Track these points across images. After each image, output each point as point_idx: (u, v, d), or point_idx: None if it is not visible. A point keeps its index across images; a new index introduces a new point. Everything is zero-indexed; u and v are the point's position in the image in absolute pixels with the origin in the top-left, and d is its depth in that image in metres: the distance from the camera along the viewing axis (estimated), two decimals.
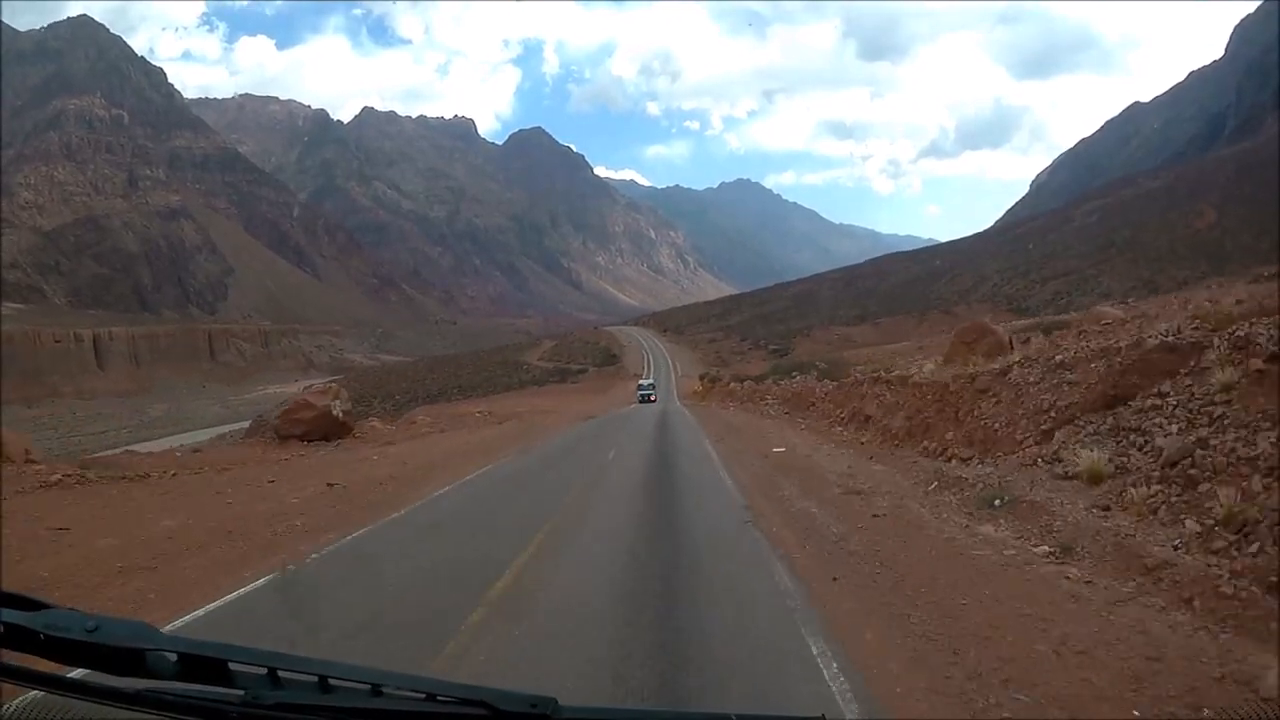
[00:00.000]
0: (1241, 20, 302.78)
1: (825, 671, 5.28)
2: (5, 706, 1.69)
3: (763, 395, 36.46)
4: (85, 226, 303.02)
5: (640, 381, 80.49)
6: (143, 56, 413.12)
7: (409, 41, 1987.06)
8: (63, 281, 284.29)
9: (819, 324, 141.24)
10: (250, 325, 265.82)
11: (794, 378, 41.70)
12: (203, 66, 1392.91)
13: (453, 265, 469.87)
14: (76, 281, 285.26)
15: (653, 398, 66.95)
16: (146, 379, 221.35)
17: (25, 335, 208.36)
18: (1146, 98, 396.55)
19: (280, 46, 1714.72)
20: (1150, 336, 10.80)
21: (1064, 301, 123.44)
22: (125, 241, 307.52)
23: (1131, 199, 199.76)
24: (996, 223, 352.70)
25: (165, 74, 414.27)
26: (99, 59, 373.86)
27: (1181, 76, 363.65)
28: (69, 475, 14.76)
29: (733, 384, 53.25)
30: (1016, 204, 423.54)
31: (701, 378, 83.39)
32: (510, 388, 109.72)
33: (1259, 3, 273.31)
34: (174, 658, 1.57)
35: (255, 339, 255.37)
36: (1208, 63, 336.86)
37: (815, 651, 5.66)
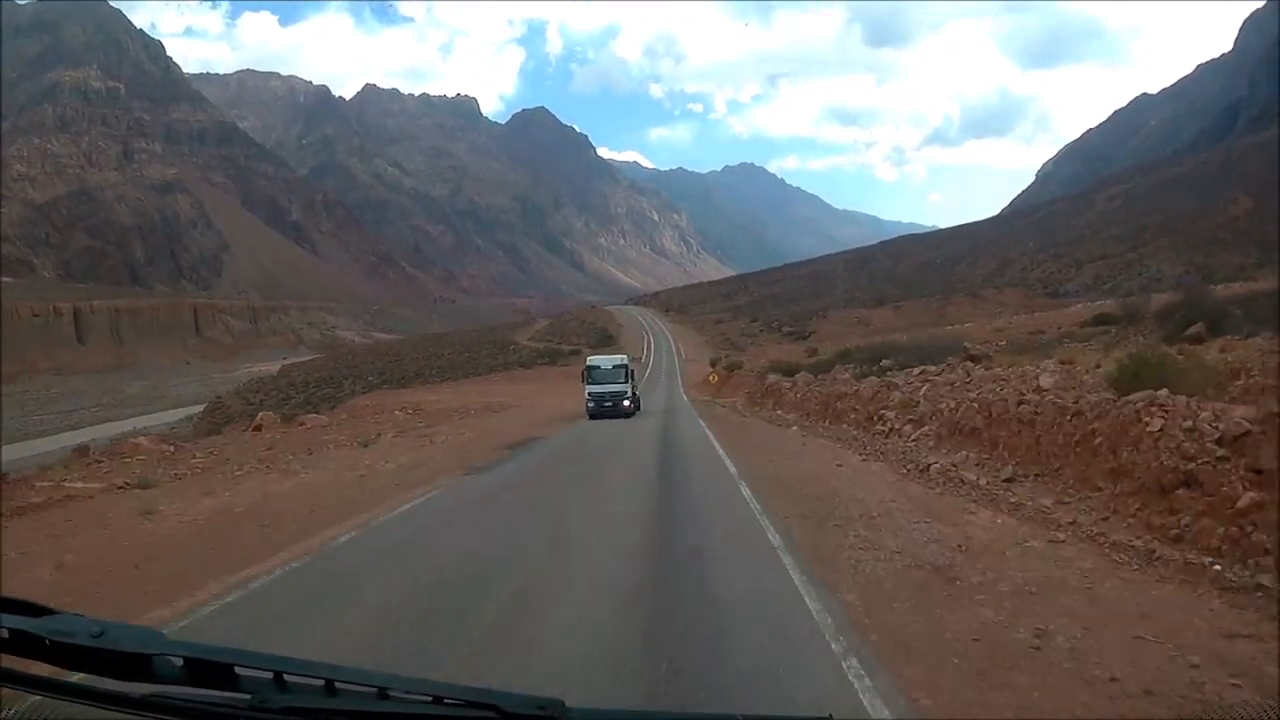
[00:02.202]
0: (1251, 14, 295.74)
1: None
2: (10, 712, 1.67)
3: (873, 408, 17.62)
4: (77, 199, 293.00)
5: (593, 361, 35.99)
6: (142, 30, 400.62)
7: (411, 19, 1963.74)
8: (53, 255, 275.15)
9: (834, 306, 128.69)
10: (239, 301, 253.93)
11: (890, 371, 22.74)
12: (205, 42, 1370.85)
13: (454, 244, 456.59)
14: (67, 255, 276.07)
15: (627, 403, 33.02)
16: (129, 355, 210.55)
17: (4, 310, 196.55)
18: (1154, 89, 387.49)
19: (283, 23, 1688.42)
20: None
21: (1107, 286, 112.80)
22: (118, 215, 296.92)
23: (1155, 185, 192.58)
24: (1003, 210, 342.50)
25: (164, 47, 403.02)
26: (97, 31, 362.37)
27: (1189, 69, 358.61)
28: None
29: (772, 376, 34.20)
30: (1022, 193, 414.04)
31: (713, 364, 68.48)
32: (494, 370, 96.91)
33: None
34: (180, 662, 1.55)
35: (243, 315, 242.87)
36: (1216, 55, 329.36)
37: None
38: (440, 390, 64.72)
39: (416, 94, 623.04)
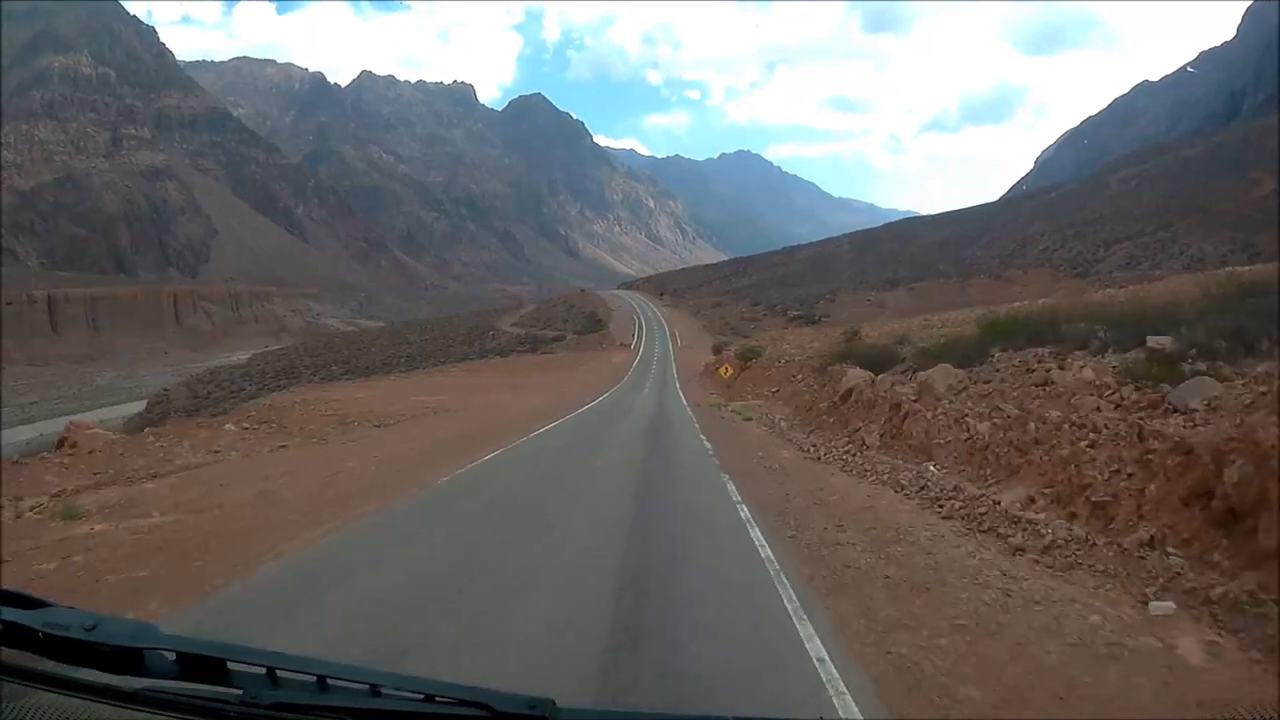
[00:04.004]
0: (1254, 2, 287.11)
1: None
2: (3, 705, 1.58)
3: None
4: (63, 186, 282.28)
5: None
6: (136, 17, 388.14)
7: (408, 7, 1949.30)
8: (37, 242, 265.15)
9: (843, 288, 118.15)
10: (220, 288, 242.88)
11: (1182, 363, 9.26)
12: (201, 30, 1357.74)
13: (448, 231, 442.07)
14: (51, 242, 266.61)
15: None
16: (106, 344, 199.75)
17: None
18: (1155, 77, 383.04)
19: (280, 11, 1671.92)
20: None
21: (1144, 266, 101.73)
22: (105, 202, 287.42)
23: (1171, 166, 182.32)
24: (1004, 196, 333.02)
25: (157, 34, 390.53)
26: (90, 19, 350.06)
27: (1188, 57, 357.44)
28: None
29: (857, 373, 18.71)
30: (1021, 180, 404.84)
31: (716, 351, 54.93)
32: (466, 358, 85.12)
33: None
34: (172, 657, 1.52)
35: (225, 302, 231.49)
36: (1218, 43, 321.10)
37: None
38: (384, 384, 51.86)
39: (413, 81, 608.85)
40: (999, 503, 8.28)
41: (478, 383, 47.24)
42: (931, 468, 11.26)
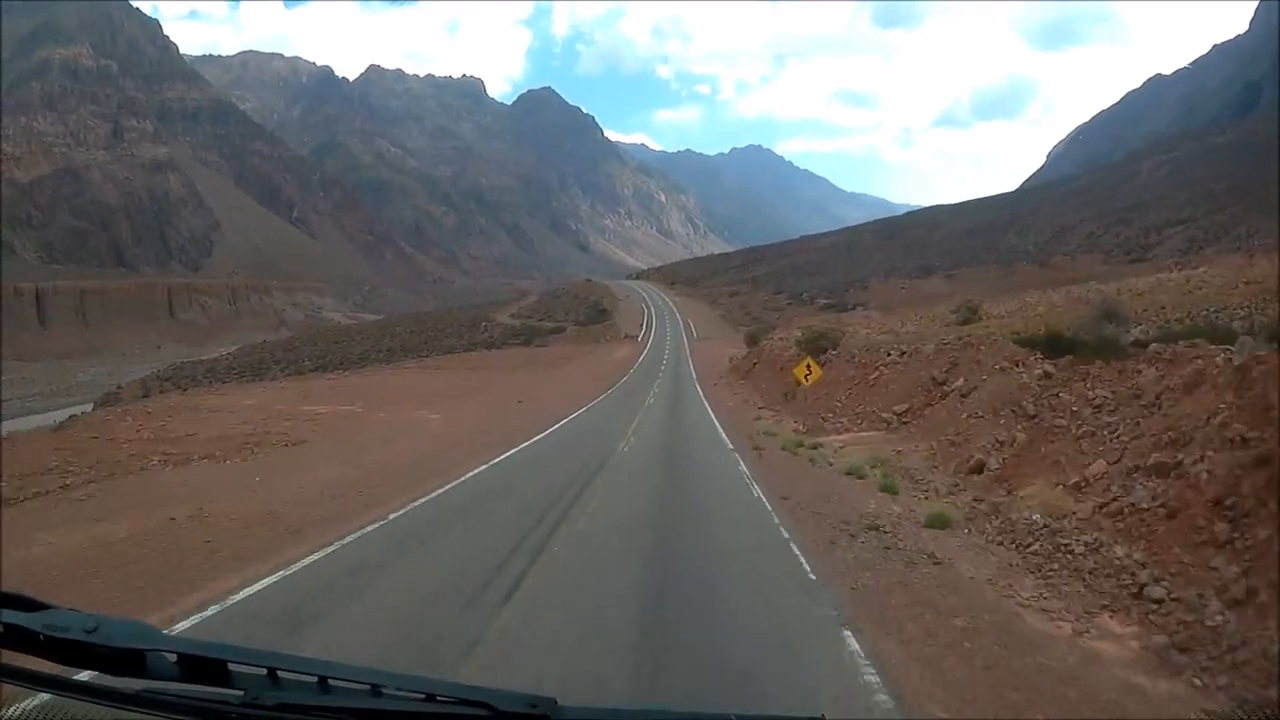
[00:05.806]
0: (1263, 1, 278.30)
1: None
2: (4, 707, 1.62)
3: None
4: (62, 178, 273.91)
5: None
6: (139, 9, 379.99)
7: (415, 3, 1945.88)
8: (34, 235, 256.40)
9: (873, 275, 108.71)
10: (218, 281, 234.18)
11: None
12: (209, 25, 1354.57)
13: (457, 225, 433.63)
14: (49, 235, 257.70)
15: None
16: (98, 338, 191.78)
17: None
18: (1168, 70, 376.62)
19: (288, 5, 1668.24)
20: None
21: (1206, 251, 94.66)
22: (105, 194, 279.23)
23: (1202, 153, 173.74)
24: (1020, 188, 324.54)
25: (161, 26, 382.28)
26: (91, 11, 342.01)
27: (1201, 50, 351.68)
28: None
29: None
30: (1034, 174, 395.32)
31: (752, 341, 42.52)
32: (452, 351, 75.93)
33: None
34: (174, 658, 1.51)
35: (222, 295, 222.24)
36: (1230, 37, 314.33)
37: None
38: (302, 386, 40.49)
39: (421, 75, 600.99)
40: None
41: (426, 385, 36.27)
42: None
